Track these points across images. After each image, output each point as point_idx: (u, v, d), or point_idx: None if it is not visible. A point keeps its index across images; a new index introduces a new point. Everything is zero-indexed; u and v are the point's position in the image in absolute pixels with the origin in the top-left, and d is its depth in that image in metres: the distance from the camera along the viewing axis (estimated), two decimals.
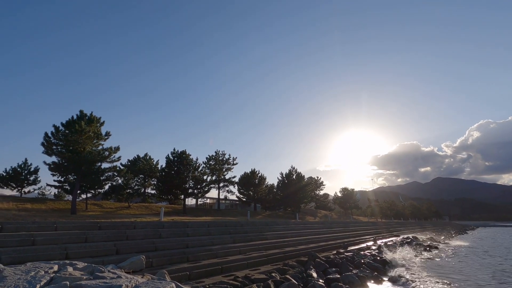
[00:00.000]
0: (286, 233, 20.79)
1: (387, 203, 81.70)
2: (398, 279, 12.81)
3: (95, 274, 5.50)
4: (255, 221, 23.94)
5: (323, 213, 53.47)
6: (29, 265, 5.87)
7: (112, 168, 22.78)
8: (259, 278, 9.83)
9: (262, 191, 43.14)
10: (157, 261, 10.12)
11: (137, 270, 8.20)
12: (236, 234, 16.80)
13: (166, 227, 14.41)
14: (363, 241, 26.12)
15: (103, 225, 12.12)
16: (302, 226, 26.05)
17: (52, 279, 4.91)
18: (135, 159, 36.58)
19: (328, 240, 22.19)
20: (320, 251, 17.73)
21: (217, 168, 39.84)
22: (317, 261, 13.84)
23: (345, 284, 10.86)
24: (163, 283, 4.38)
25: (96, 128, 21.88)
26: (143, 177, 35.82)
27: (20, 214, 14.66)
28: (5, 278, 4.79)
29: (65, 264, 6.28)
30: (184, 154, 31.31)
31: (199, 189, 31.82)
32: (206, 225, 16.72)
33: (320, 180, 63.42)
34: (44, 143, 20.24)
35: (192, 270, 9.98)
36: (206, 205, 50.96)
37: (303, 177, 44.66)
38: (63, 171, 21.31)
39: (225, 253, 12.93)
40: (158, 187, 32.58)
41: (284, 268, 12.10)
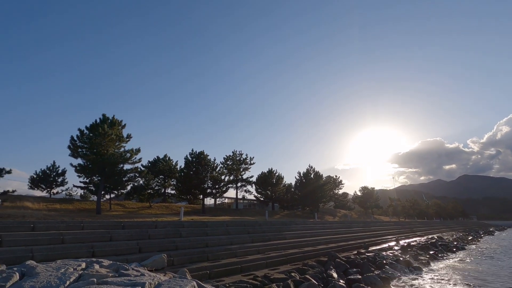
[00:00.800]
0: (305, 233, 20.62)
1: (410, 202, 79.03)
2: (423, 281, 12.38)
3: (120, 272, 5.71)
4: (273, 220, 23.92)
5: (343, 212, 52.55)
6: (59, 262, 6.18)
7: (134, 169, 23.52)
8: (278, 278, 9.82)
9: (280, 190, 43.01)
10: (178, 260, 10.34)
11: (159, 268, 8.42)
12: (255, 234, 16.86)
13: (186, 226, 14.70)
14: (385, 241, 25.43)
15: (127, 225, 12.54)
16: (321, 226, 25.73)
17: (80, 276, 5.15)
18: (155, 160, 37.55)
19: (348, 240, 21.79)
20: (340, 251, 17.45)
21: (235, 168, 40.13)
22: (337, 261, 13.63)
23: (367, 285, 10.62)
24: (185, 281, 4.47)
25: (118, 131, 22.67)
26: (163, 177, 36.70)
27: (50, 214, 15.45)
28: (38, 274, 5.07)
29: (92, 261, 6.56)
30: (202, 154, 31.80)
31: (217, 189, 32.21)
32: (225, 225, 16.90)
33: (338, 179, 62.39)
34: (70, 146, 21.21)
35: (212, 269, 10.12)
36: (224, 204, 51.49)
37: (321, 176, 44.08)
38: (88, 172, 22.24)
39: (244, 253, 13.02)
40: (177, 187, 33.28)
41: (303, 268, 12.01)
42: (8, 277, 4.90)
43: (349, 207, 62.34)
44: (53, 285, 4.56)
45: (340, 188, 62.54)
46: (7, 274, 5.03)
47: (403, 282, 12.27)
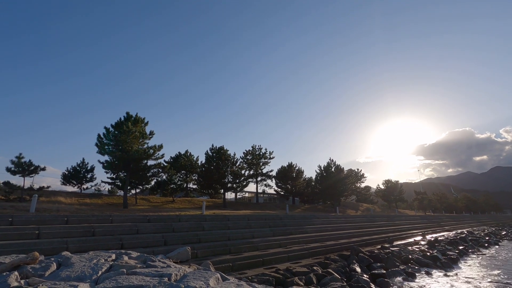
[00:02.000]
0: (327, 227, 20.42)
1: (437, 196, 75.88)
2: (452, 277, 11.92)
3: (148, 263, 5.94)
4: (294, 214, 23.87)
5: (365, 206, 51.45)
6: (91, 254, 6.54)
7: (157, 165, 24.24)
8: (300, 271, 9.83)
9: (300, 184, 42.75)
10: (201, 252, 10.62)
11: (183, 261, 8.68)
12: (276, 228, 16.93)
13: (208, 220, 15.02)
14: (411, 236, 24.67)
15: (152, 218, 13.02)
16: (343, 220, 25.36)
17: (111, 267, 5.42)
18: (177, 156, 38.48)
19: (371, 234, 21.34)
20: (363, 245, 17.14)
21: (254, 163, 40.30)
22: (360, 255, 13.42)
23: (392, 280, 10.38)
24: (209, 273, 4.58)
25: (141, 128, 23.40)
26: (185, 172, 37.58)
27: (81, 208, 16.33)
28: (73, 265, 5.40)
29: (121, 253, 6.88)
30: (222, 150, 32.18)
31: (237, 184, 32.56)
32: (246, 219, 17.08)
33: (360, 172, 60.97)
34: (98, 143, 22.19)
35: (235, 261, 10.30)
36: (245, 199, 52.01)
37: (342, 169, 43.26)
38: (114, 168, 23.21)
39: (265, 246, 13.12)
40: (199, 182, 33.98)
41: (325, 262, 11.94)
42: (46, 267, 5.26)
43: (371, 201, 60.90)
44: (87, 275, 4.84)
45: (362, 181, 61.15)
46: (45, 264, 5.39)
47: (430, 278, 11.88)
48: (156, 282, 4.02)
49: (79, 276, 4.78)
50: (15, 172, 19.42)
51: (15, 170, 19.37)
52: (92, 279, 4.70)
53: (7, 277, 4.46)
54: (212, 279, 4.26)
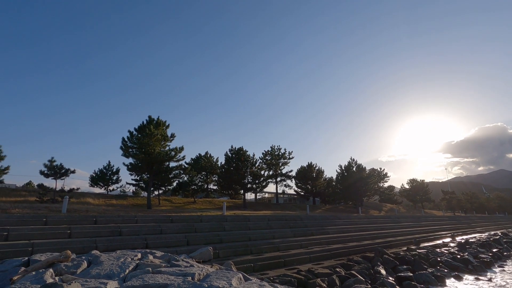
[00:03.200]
0: (349, 228, 19.99)
1: (467, 195, 72.00)
2: (485, 281, 11.27)
3: (172, 262, 6.10)
4: (315, 215, 23.56)
5: (389, 206, 49.82)
6: (119, 253, 6.80)
7: (178, 166, 24.82)
8: (323, 273, 9.69)
9: (320, 184, 42.14)
10: (223, 253, 10.73)
11: (206, 260, 8.83)
12: (296, 228, 16.80)
13: (229, 220, 15.16)
14: (439, 238, 23.60)
15: (175, 219, 13.33)
16: (366, 221, 24.71)
17: (137, 266, 5.61)
18: (197, 158, 39.18)
19: (396, 236, 20.64)
20: (387, 247, 16.62)
21: (274, 163, 40.21)
22: (385, 257, 13.02)
23: (420, 284, 9.99)
24: (231, 273, 4.63)
25: (163, 131, 24.05)
26: (205, 174, 38.18)
27: (108, 209, 17.02)
28: (102, 263, 5.64)
29: (146, 252, 7.10)
30: (241, 150, 32.40)
31: (257, 184, 32.63)
32: (266, 219, 17.08)
33: (383, 171, 59.13)
34: (122, 146, 23.05)
35: (256, 262, 10.33)
36: (264, 199, 51.99)
37: (364, 168, 42.15)
38: (138, 170, 24.03)
39: (286, 247, 13.05)
40: (219, 183, 34.40)
41: (348, 264, 11.68)
42: (78, 265, 5.54)
43: (396, 201, 58.84)
44: (115, 273, 5.04)
45: (386, 181, 59.24)
46: (77, 262, 5.68)
47: (461, 282, 11.30)
48: (180, 281, 4.11)
49: (108, 274, 4.99)
50: (48, 175, 20.58)
51: (48, 173, 20.54)
52: (120, 277, 4.89)
53: (43, 274, 4.75)
54: (234, 279, 4.30)
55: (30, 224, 9.66)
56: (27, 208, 13.22)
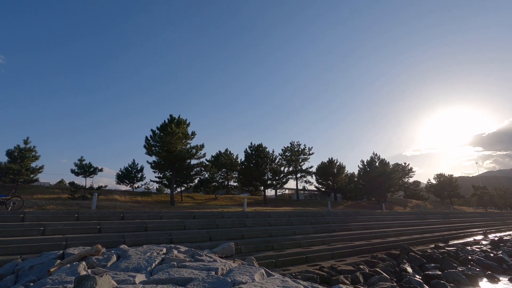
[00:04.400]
0: (372, 224, 19.52)
1: (500, 190, 67.90)
2: None
3: (195, 257, 6.25)
4: (337, 211, 23.21)
5: (415, 202, 48.06)
6: (145, 247, 7.06)
7: (199, 164, 25.29)
8: (346, 270, 9.55)
9: (342, 180, 41.39)
10: (244, 248, 10.86)
11: (228, 256, 8.96)
12: (318, 225, 16.64)
13: (249, 217, 15.28)
14: (469, 235, 22.49)
15: (197, 215, 13.64)
16: (390, 217, 24.00)
17: (163, 260, 5.80)
18: (217, 155, 39.70)
19: (422, 233, 19.92)
20: (413, 244, 16.08)
21: (293, 159, 39.96)
22: (411, 255, 12.61)
23: (449, 283, 9.58)
24: (254, 269, 4.67)
25: (184, 129, 24.58)
26: (225, 170, 38.65)
27: (134, 205, 17.71)
28: (130, 257, 5.88)
29: (171, 247, 7.31)
30: (260, 147, 32.44)
31: (277, 180, 32.58)
32: (287, 215, 17.05)
33: (408, 166, 57.09)
34: (146, 145, 23.82)
35: (278, 258, 10.36)
36: (285, 195, 51.88)
37: (387, 163, 40.87)
38: (161, 168, 24.74)
39: (308, 243, 12.98)
40: (239, 179, 34.69)
41: (372, 261, 11.44)
42: (108, 258, 5.81)
43: (422, 197, 56.68)
44: (143, 267, 5.25)
45: (411, 176, 57.19)
46: (107, 256, 5.97)
47: (494, 282, 10.70)
48: (204, 275, 4.21)
49: (136, 268, 5.20)
50: (78, 173, 21.71)
51: (78, 172, 21.66)
52: (147, 271, 5.08)
53: (76, 266, 5.03)
54: (257, 274, 4.33)
55: (64, 220, 10.26)
56: (60, 205, 14.05)
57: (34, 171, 21.96)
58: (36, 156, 22.09)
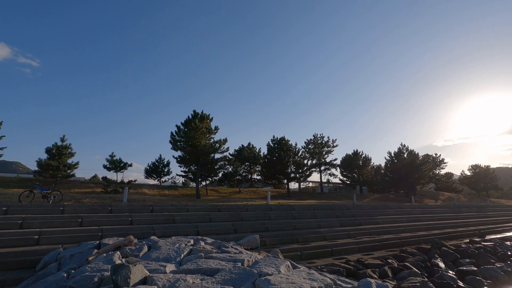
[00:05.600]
0: (401, 218, 18.88)
1: None
2: None
3: (222, 249, 6.41)
4: (363, 204, 22.68)
5: (447, 195, 45.74)
6: (174, 239, 7.34)
7: (223, 158, 25.70)
8: (373, 263, 9.35)
9: (368, 172, 40.27)
10: (269, 241, 10.95)
11: (253, 248, 9.10)
12: (343, 218, 16.38)
13: (273, 209, 15.35)
14: (508, 229, 21.08)
15: (222, 208, 13.92)
16: (420, 210, 23.06)
17: (191, 251, 6.01)
18: (240, 149, 40.07)
19: (456, 227, 18.95)
20: (446, 238, 15.37)
21: (317, 152, 39.41)
22: (443, 249, 12.07)
23: (486, 279, 9.09)
24: (279, 261, 4.71)
25: (207, 124, 25.02)
26: (248, 164, 38.97)
27: (162, 198, 18.42)
28: (160, 248, 6.14)
29: (198, 239, 7.55)
30: (283, 140, 32.29)
31: (300, 173, 32.36)
32: (312, 208, 16.93)
33: (439, 157, 54.30)
34: (171, 140, 24.57)
35: (303, 251, 10.35)
36: (308, 188, 51.47)
37: (416, 155, 39.13)
38: (186, 162, 25.45)
39: (333, 236, 12.84)
40: (262, 173, 34.87)
41: (401, 255, 11.09)
42: (140, 248, 6.12)
43: (455, 189, 53.80)
44: (172, 257, 5.47)
45: (442, 167, 54.40)
46: (139, 246, 6.28)
47: None
48: (231, 266, 4.31)
49: (166, 258, 5.43)
50: (109, 169, 22.90)
51: (109, 167, 22.84)
52: (176, 261, 5.29)
53: (112, 256, 5.35)
54: (282, 266, 4.37)
55: (99, 212, 10.91)
56: (95, 198, 14.93)
57: (70, 167, 23.45)
58: (71, 153, 23.55)
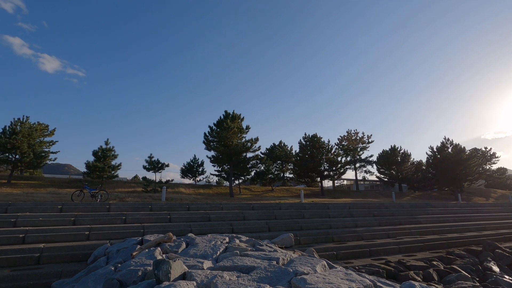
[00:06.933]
0: (446, 217, 17.59)
1: None
2: None
3: (256, 247, 6.46)
4: (403, 202, 21.49)
5: (500, 193, 41.64)
6: (209, 236, 7.55)
7: (255, 157, 25.90)
8: (416, 265, 8.83)
9: (407, 169, 38.04)
10: (304, 240, 10.83)
11: (287, 246, 9.06)
12: (381, 217, 15.66)
13: (307, 208, 15.14)
14: None
15: (255, 206, 14.04)
16: (469, 209, 21.28)
17: (226, 248, 6.13)
18: (272, 147, 40.05)
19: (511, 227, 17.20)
20: (500, 240, 14.03)
21: (351, 148, 38.10)
22: (497, 252, 11.03)
23: None
24: (315, 260, 4.63)
25: (239, 124, 25.37)
26: (280, 162, 38.82)
27: (197, 197, 19.05)
28: (197, 245, 6.34)
29: (233, 237, 7.68)
30: (315, 137, 31.69)
31: (334, 171, 31.51)
32: (347, 207, 16.42)
33: (489, 151, 49.58)
34: (204, 141, 25.31)
35: (339, 250, 10.09)
36: (343, 186, 49.99)
37: (462, 149, 36.10)
38: (219, 162, 26.04)
39: (371, 236, 12.35)
40: (295, 171, 34.52)
41: (448, 257, 10.33)
42: (179, 245, 6.39)
43: (509, 186, 48.81)
44: (209, 254, 5.64)
45: (494, 162, 49.57)
46: (178, 243, 6.56)
47: None
48: (266, 265, 4.33)
49: (203, 254, 5.61)
50: (148, 169, 24.20)
51: (148, 168, 24.14)
52: (213, 258, 5.45)
53: (153, 251, 5.65)
54: (318, 266, 4.29)
55: (140, 210, 11.59)
56: (136, 197, 15.88)
57: (114, 168, 25.17)
58: (115, 155, 25.27)
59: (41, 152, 23.54)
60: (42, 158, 23.49)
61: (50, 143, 25.34)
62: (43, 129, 25.35)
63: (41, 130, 24.79)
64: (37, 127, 24.29)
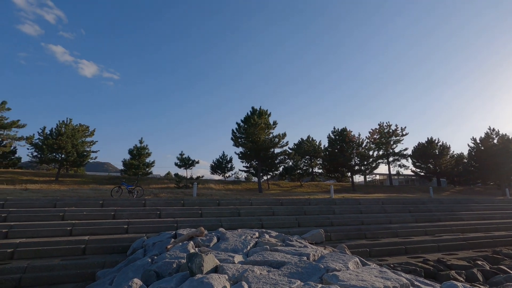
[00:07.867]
0: (492, 214, 16.28)
1: None
2: None
3: (286, 242, 6.45)
4: (441, 198, 20.24)
5: None
6: (240, 231, 7.67)
7: (283, 152, 25.77)
8: (458, 265, 8.29)
9: (446, 162, 35.65)
10: (335, 236, 10.62)
11: (318, 242, 8.94)
12: (418, 213, 14.89)
13: (337, 203, 14.81)
14: None
15: (284, 202, 14.01)
16: None
17: (256, 243, 6.19)
18: (300, 142, 39.58)
19: None
20: None
21: (383, 142, 36.51)
22: None
23: None
24: (347, 257, 4.53)
25: (266, 119, 25.37)
26: (309, 158, 38.28)
27: (227, 193, 19.42)
28: (228, 239, 6.48)
29: (263, 232, 7.74)
30: (344, 131, 30.77)
31: (365, 166, 30.42)
32: (380, 202, 15.81)
33: None
34: (232, 137, 25.66)
35: (372, 247, 9.77)
36: (375, 181, 48.14)
37: (510, 139, 33.05)
38: (247, 158, 26.28)
39: (406, 233, 11.80)
40: (324, 166, 33.85)
41: (494, 257, 9.57)
42: (210, 239, 6.57)
43: None
44: (239, 248, 5.74)
45: None
46: (209, 237, 6.75)
47: None
48: (296, 260, 4.31)
49: (234, 249, 5.72)
50: (180, 166, 25.10)
51: (180, 164, 25.04)
52: (243, 252, 5.53)
53: (187, 245, 5.86)
54: (351, 263, 4.19)
55: (173, 205, 12.08)
56: (169, 193, 16.56)
57: (148, 165, 26.44)
58: (148, 153, 26.52)
59: (83, 151, 25.39)
60: (84, 157, 25.33)
61: (91, 143, 27.24)
62: (84, 130, 27.31)
63: (82, 131, 26.73)
64: (79, 128, 26.22)
